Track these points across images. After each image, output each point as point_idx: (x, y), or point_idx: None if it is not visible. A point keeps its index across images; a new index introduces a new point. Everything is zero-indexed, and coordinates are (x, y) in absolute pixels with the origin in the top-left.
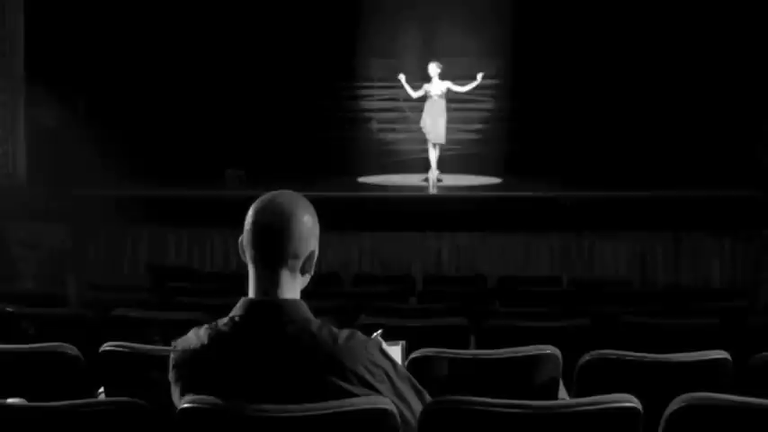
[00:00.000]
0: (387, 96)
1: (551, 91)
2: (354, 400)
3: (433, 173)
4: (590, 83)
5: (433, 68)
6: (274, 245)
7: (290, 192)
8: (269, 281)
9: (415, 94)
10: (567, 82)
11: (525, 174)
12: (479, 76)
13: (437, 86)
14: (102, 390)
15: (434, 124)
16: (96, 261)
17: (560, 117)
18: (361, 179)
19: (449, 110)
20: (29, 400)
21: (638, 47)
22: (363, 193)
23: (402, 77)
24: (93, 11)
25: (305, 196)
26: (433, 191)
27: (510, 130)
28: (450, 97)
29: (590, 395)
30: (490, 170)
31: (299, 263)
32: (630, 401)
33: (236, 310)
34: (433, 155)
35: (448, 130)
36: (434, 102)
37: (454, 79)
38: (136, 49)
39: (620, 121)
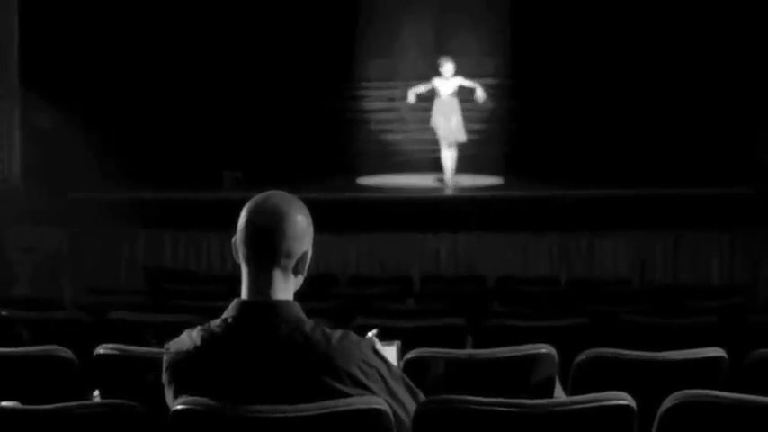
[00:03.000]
0: (386, 97)
1: (551, 90)
2: (348, 399)
3: (447, 174)
4: (590, 81)
5: (448, 67)
6: (267, 244)
7: (284, 192)
8: (262, 281)
9: (421, 89)
10: (567, 81)
11: (525, 173)
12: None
13: (449, 85)
14: (97, 392)
15: (447, 123)
16: (93, 264)
17: (560, 116)
18: (361, 180)
19: None
20: (23, 404)
21: (638, 45)
22: (362, 195)
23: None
24: (89, 12)
25: (303, 198)
26: (447, 192)
27: (510, 130)
28: None
29: (586, 393)
30: (490, 170)
31: (292, 263)
32: (624, 399)
33: (229, 311)
34: (447, 155)
35: None
36: (444, 101)
37: None
38: (132, 51)
39: (620, 120)
